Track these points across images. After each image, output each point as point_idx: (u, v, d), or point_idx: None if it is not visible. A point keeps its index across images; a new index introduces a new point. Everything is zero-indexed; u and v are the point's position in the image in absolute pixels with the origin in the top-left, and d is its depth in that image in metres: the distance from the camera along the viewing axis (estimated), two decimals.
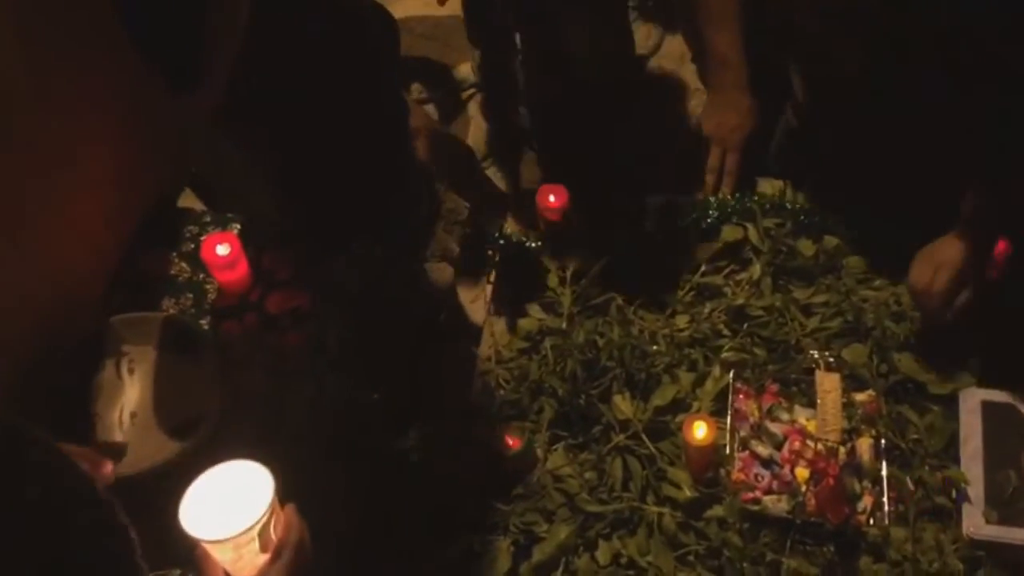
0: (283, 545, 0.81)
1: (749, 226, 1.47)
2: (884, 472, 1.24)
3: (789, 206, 1.48)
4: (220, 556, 0.81)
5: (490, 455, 1.29)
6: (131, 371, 1.20)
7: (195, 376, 1.20)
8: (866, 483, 1.24)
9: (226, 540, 0.79)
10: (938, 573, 1.16)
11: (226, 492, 0.82)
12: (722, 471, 1.26)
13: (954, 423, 1.25)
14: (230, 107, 1.08)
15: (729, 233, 1.47)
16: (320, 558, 0.88)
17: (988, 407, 1.22)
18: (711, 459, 1.25)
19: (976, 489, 1.19)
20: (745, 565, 1.19)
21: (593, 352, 1.36)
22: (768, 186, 1.53)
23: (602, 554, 1.23)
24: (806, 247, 1.44)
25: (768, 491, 1.25)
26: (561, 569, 1.23)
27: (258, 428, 1.19)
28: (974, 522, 1.17)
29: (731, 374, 1.33)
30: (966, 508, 1.19)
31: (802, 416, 1.30)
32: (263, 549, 0.81)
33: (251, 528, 0.79)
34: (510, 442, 1.29)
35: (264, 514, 0.80)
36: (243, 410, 1.21)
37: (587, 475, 1.29)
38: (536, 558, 1.23)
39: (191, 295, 1.34)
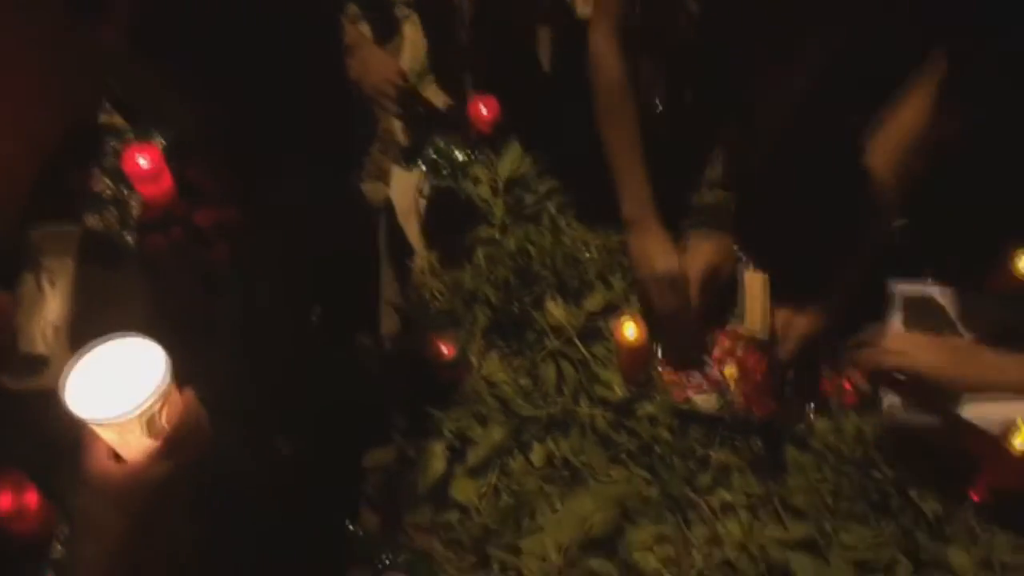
0: (175, 433, 0.75)
1: None
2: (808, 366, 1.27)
3: None
4: (106, 436, 0.74)
5: (424, 363, 1.29)
6: (52, 283, 1.17)
7: (118, 288, 1.18)
8: (791, 377, 1.27)
9: (108, 423, 0.72)
10: (859, 460, 1.20)
11: (120, 369, 0.74)
12: (653, 371, 1.28)
13: (877, 314, 1.27)
14: (152, 29, 1.04)
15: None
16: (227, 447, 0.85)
17: (906, 298, 1.25)
18: (642, 359, 1.27)
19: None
20: (675, 459, 1.21)
21: (525, 260, 1.37)
22: None
23: (536, 455, 1.25)
24: None
25: (698, 390, 1.27)
26: (496, 471, 1.24)
27: (186, 340, 1.18)
28: (891, 403, 1.20)
29: None
30: (885, 392, 1.22)
31: (732, 317, 1.32)
32: (151, 435, 0.74)
33: (136, 412, 0.72)
34: (444, 350, 1.29)
35: (151, 398, 0.72)
36: (171, 322, 1.19)
37: (521, 381, 1.30)
38: (471, 461, 1.24)
39: (115, 210, 1.30)
